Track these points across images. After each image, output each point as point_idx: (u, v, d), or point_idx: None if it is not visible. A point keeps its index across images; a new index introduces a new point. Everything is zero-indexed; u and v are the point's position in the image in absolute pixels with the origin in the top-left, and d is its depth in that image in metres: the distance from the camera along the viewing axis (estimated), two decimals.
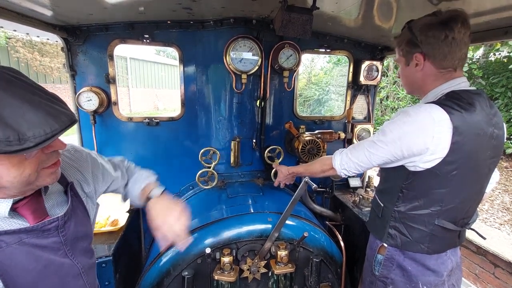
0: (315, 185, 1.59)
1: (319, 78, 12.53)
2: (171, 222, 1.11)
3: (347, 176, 1.50)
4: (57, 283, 0.90)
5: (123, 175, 1.32)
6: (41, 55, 13.01)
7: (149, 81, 19.66)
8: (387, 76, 10.01)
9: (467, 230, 1.42)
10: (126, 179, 1.34)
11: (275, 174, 2.19)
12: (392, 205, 1.36)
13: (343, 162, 1.44)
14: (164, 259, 1.68)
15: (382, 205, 1.43)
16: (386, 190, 1.42)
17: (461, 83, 1.26)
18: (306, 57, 13.39)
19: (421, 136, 1.16)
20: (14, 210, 0.82)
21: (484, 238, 1.57)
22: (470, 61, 8.45)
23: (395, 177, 1.33)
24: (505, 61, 8.10)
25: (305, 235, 1.61)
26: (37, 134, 0.66)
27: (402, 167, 1.28)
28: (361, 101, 2.68)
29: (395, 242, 1.37)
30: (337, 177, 2.42)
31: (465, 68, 8.19)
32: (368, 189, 2.42)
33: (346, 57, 2.61)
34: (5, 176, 0.71)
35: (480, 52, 8.82)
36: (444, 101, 1.19)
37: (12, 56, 11.84)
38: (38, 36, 2.06)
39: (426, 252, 1.33)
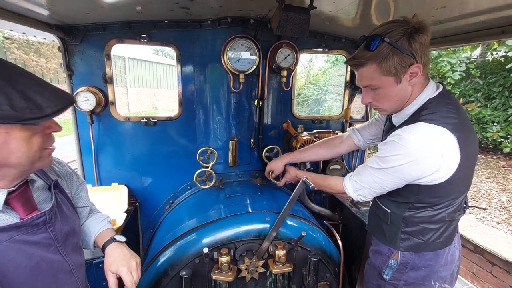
0: (313, 185, 1.59)
1: (317, 78, 12.54)
2: (123, 273, 1.10)
3: (363, 201, 1.47)
4: (49, 280, 0.91)
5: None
6: (37, 56, 12.96)
7: (148, 81, 19.62)
8: None
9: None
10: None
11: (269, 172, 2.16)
12: (400, 211, 1.33)
13: (356, 189, 1.40)
14: (162, 259, 1.67)
15: (389, 211, 1.38)
16: (394, 200, 1.37)
17: (433, 88, 1.25)
18: (304, 57, 13.40)
19: (430, 158, 1.13)
20: (5, 203, 0.84)
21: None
22: (468, 61, 8.48)
23: (404, 192, 1.29)
24: (503, 60, 8.13)
25: (302, 234, 1.61)
26: (52, 105, 0.79)
27: (411, 183, 1.25)
28: (359, 101, 2.68)
29: (408, 245, 1.34)
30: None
31: (463, 68, 8.23)
32: None
33: (343, 57, 2.61)
34: (16, 151, 0.79)
35: (477, 51, 8.85)
36: (431, 116, 1.16)
37: (9, 57, 11.79)
38: (34, 36, 2.05)
39: (439, 248, 1.33)
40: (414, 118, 1.21)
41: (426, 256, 1.34)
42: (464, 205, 1.37)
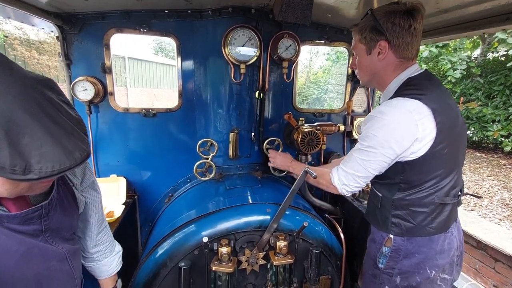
0: (315, 174, 1.56)
1: (318, 77, 12.54)
2: None
3: (349, 194, 1.45)
4: (42, 267, 0.87)
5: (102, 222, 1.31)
6: (38, 54, 12.92)
7: (148, 80, 19.59)
8: None
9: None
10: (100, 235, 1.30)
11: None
12: (391, 194, 1.34)
13: (341, 178, 1.41)
14: (161, 250, 1.64)
15: (380, 195, 1.40)
16: (383, 183, 1.39)
17: (415, 69, 1.31)
18: (304, 57, 13.41)
19: (405, 129, 1.18)
20: None
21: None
22: (468, 60, 8.47)
23: (391, 172, 1.31)
24: (503, 59, 8.12)
25: (304, 224, 1.58)
26: (44, 168, 0.65)
27: (396, 162, 1.27)
28: (360, 94, 2.65)
29: (400, 230, 1.34)
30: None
31: (463, 66, 8.22)
32: (368, 182, 2.39)
33: (345, 51, 2.59)
34: None
35: (478, 51, 8.86)
36: (406, 91, 1.23)
37: (10, 54, 11.75)
38: (33, 25, 2.01)
39: (433, 233, 1.31)
40: (393, 96, 1.28)
41: (418, 242, 1.32)
42: (459, 193, 1.36)
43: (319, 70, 12.73)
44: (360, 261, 2.02)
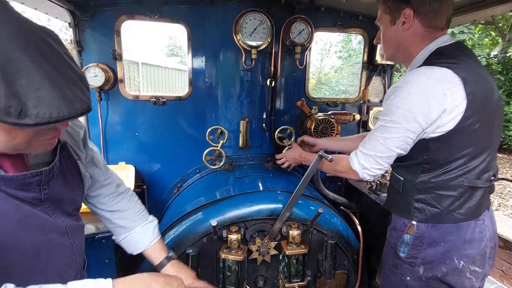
0: (330, 157, 1.46)
1: (329, 77, 12.38)
2: None
3: (372, 179, 1.34)
4: (41, 238, 0.81)
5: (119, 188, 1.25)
6: None
7: (160, 85, 19.94)
8: None
9: (494, 226, 1.30)
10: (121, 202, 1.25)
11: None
12: (414, 177, 1.23)
13: (361, 161, 1.29)
14: (167, 238, 1.58)
15: (401, 178, 1.29)
16: (405, 166, 1.28)
17: (446, 39, 1.20)
18: (315, 58, 13.27)
19: (433, 98, 1.07)
20: None
21: None
22: (488, 57, 8.17)
23: (414, 151, 1.20)
24: None
25: (320, 211, 1.48)
26: (41, 114, 0.60)
27: (420, 139, 1.17)
28: (376, 83, 2.54)
29: (424, 216, 1.22)
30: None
31: (483, 63, 7.92)
32: (386, 174, 2.26)
33: (359, 47, 2.49)
34: None
35: (497, 48, 8.54)
36: (436, 60, 1.13)
37: None
38: (46, 13, 2.03)
39: (461, 220, 1.19)
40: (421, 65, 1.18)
41: (444, 229, 1.20)
42: (493, 177, 1.23)
43: (330, 71, 12.57)
44: (378, 257, 1.89)
